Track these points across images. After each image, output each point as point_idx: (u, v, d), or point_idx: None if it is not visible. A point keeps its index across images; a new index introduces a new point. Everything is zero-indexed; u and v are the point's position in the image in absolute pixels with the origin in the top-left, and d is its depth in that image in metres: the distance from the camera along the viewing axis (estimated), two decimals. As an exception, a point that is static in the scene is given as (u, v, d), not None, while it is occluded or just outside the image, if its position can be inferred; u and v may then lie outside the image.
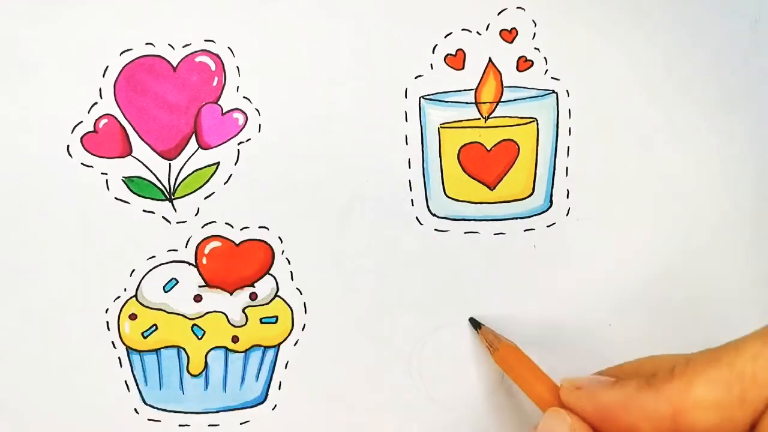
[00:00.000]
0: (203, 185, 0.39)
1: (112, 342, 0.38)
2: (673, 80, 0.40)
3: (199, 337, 0.38)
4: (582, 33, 0.40)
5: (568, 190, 0.40)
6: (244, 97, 0.39)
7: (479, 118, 0.39)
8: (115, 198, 0.38)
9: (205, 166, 0.39)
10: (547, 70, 0.40)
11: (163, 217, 0.38)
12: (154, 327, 0.38)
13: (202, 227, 0.39)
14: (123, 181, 0.38)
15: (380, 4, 0.39)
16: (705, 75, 0.40)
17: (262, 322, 0.39)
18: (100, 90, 0.38)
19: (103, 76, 0.38)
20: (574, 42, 0.40)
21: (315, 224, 0.39)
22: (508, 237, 0.40)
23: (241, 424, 0.39)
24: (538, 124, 0.40)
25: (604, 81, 0.40)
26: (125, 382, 0.38)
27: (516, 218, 0.40)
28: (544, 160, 0.40)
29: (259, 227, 0.39)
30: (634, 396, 0.28)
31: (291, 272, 0.39)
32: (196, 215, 0.39)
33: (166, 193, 0.38)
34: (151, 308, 0.38)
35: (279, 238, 0.39)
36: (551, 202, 0.40)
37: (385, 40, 0.39)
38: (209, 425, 0.39)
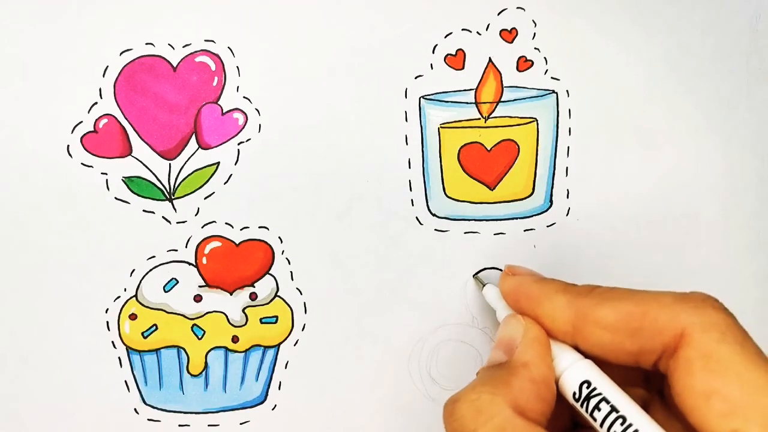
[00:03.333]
0: (203, 185, 0.39)
1: (112, 342, 0.38)
2: (673, 80, 0.40)
3: (199, 337, 0.38)
4: (582, 33, 0.40)
5: (568, 190, 0.40)
6: (244, 97, 0.39)
7: (479, 118, 0.39)
8: (115, 198, 0.38)
9: (205, 166, 0.39)
10: (547, 70, 0.40)
11: (163, 217, 0.38)
12: (154, 327, 0.38)
13: (202, 227, 0.39)
14: (123, 181, 0.38)
15: (380, 4, 0.39)
16: (705, 75, 0.40)
17: (262, 322, 0.39)
18: (100, 90, 0.38)
19: (103, 76, 0.38)
20: (574, 42, 0.40)
21: (315, 224, 0.39)
22: (508, 237, 0.40)
23: (241, 424, 0.39)
24: (538, 124, 0.40)
25: (604, 81, 0.40)
26: (125, 382, 0.38)
27: (516, 218, 0.40)
28: (544, 160, 0.40)
29: (259, 227, 0.39)
30: (550, 295, 0.32)
31: (291, 272, 0.39)
32: (196, 215, 0.39)
33: (166, 193, 0.38)
34: (151, 308, 0.38)
35: (279, 238, 0.39)
36: (551, 202, 0.40)
37: (385, 40, 0.39)
38: (209, 425, 0.39)
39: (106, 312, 0.38)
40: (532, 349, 0.31)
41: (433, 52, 0.39)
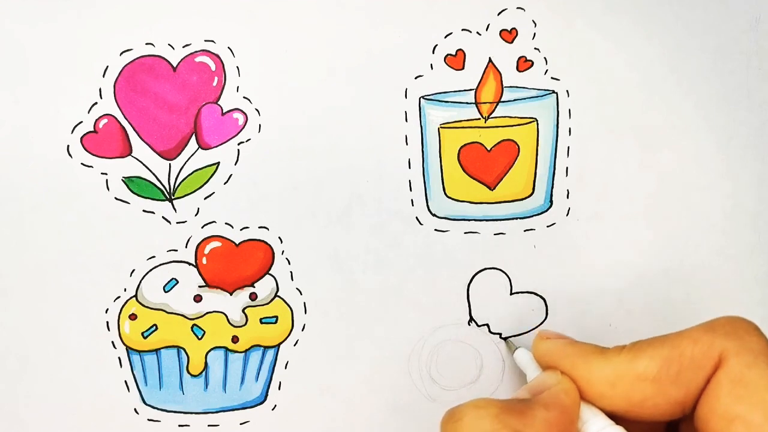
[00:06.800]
0: (203, 185, 0.39)
1: (112, 342, 0.38)
2: (673, 80, 0.40)
3: (199, 337, 0.38)
4: (582, 33, 0.40)
5: (568, 190, 0.40)
6: (244, 97, 0.39)
7: (479, 118, 0.39)
8: (115, 198, 0.38)
9: (205, 166, 0.39)
10: (547, 70, 0.40)
11: (163, 217, 0.38)
12: (154, 327, 0.38)
13: (202, 227, 0.39)
14: (123, 181, 0.38)
15: (380, 4, 0.39)
16: (705, 75, 0.40)
17: (262, 322, 0.39)
18: (100, 90, 0.38)
19: (103, 76, 0.38)
20: (574, 42, 0.40)
21: (315, 224, 0.39)
22: (508, 237, 0.40)
23: (241, 424, 0.39)
24: (538, 124, 0.40)
25: (604, 81, 0.40)
26: (125, 382, 0.38)
27: (516, 218, 0.40)
28: (544, 160, 0.40)
29: (259, 227, 0.39)
30: (586, 356, 0.32)
31: (291, 272, 0.39)
32: (196, 215, 0.39)
33: (166, 193, 0.38)
34: (151, 308, 0.38)
35: (279, 238, 0.39)
36: (551, 202, 0.40)
37: (385, 40, 0.39)
38: (209, 425, 0.39)
39: (106, 312, 0.38)
40: (557, 398, 0.31)
41: (433, 52, 0.39)
